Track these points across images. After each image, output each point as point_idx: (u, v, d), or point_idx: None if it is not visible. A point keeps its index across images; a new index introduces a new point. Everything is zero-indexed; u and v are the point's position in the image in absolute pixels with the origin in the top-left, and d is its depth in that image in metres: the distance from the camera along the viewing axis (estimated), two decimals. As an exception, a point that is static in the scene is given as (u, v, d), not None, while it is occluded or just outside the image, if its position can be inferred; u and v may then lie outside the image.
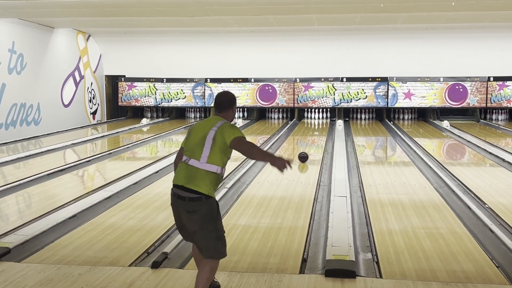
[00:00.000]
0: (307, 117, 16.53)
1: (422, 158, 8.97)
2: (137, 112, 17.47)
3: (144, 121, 15.65)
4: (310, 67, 16.07)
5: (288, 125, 14.77)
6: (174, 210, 3.35)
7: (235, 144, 3.23)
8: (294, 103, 16.22)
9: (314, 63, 16.04)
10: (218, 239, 3.28)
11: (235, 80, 16.38)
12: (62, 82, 14.58)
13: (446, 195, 6.48)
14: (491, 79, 15.43)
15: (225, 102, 3.48)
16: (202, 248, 3.29)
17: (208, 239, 3.24)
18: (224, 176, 7.75)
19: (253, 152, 3.29)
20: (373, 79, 15.85)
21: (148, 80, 16.78)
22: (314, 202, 6.17)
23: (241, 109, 16.85)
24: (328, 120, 16.08)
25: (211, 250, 3.26)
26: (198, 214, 3.21)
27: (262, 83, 16.30)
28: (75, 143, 11.08)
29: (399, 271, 4.00)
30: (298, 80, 16.12)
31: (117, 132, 13.28)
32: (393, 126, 14.40)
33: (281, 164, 3.11)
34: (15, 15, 11.91)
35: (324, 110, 16.43)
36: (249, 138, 14.11)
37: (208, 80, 16.52)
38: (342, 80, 15.97)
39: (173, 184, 3.33)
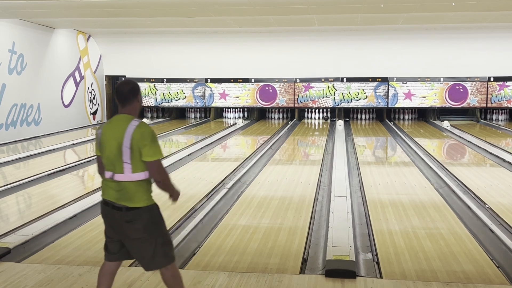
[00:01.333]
0: (308, 117, 16.54)
1: (422, 158, 8.97)
2: (137, 112, 17.45)
3: (145, 121, 15.62)
4: (310, 67, 16.07)
5: (288, 125, 14.78)
6: (108, 221, 3.10)
7: (152, 169, 3.00)
8: (294, 103, 16.22)
9: (314, 63, 16.05)
10: (164, 244, 3.08)
11: (235, 80, 16.39)
12: (62, 83, 14.58)
13: (447, 195, 6.48)
14: (491, 79, 15.44)
15: (128, 92, 3.06)
16: (148, 259, 3.04)
17: (155, 246, 3.03)
18: (225, 176, 7.77)
19: (167, 188, 3.13)
20: (374, 79, 15.86)
21: (148, 80, 16.79)
22: (314, 202, 6.17)
23: (241, 109, 16.86)
24: (329, 120, 16.08)
25: (159, 257, 3.05)
26: (139, 223, 2.99)
27: (262, 83, 16.30)
28: (75, 143, 11.08)
29: (399, 271, 4.00)
30: (298, 80, 16.12)
31: (117, 133, 13.24)
32: (393, 126, 14.40)
33: (177, 196, 3.23)
34: (15, 16, 11.91)
35: (325, 110, 16.43)
36: (249, 139, 13.99)
37: (208, 80, 16.52)
38: (342, 80, 15.97)
39: (104, 198, 3.10)
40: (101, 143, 3.06)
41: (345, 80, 15.96)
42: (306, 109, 16.48)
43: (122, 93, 3.06)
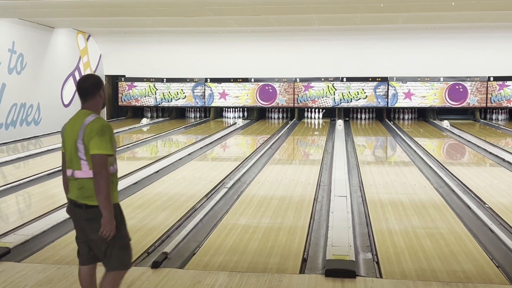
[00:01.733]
0: (307, 117, 16.54)
1: (422, 158, 8.97)
2: (137, 112, 17.48)
3: (144, 121, 15.65)
4: (310, 67, 16.07)
5: (288, 125, 14.77)
6: (73, 220, 3.09)
7: (93, 162, 2.86)
8: (294, 103, 16.22)
9: (314, 63, 16.05)
10: (122, 248, 3.00)
11: (235, 80, 16.39)
12: (62, 82, 14.58)
13: (446, 195, 6.48)
14: (491, 79, 15.44)
15: (89, 87, 2.99)
16: (103, 259, 3.00)
17: (112, 248, 2.96)
18: (225, 176, 7.77)
19: (100, 190, 2.85)
20: (373, 79, 15.85)
21: (148, 80, 16.79)
22: (314, 202, 6.17)
23: (241, 109, 16.87)
24: (328, 120, 16.08)
25: (114, 260, 2.98)
26: (99, 222, 2.90)
27: (262, 83, 16.30)
28: (75, 143, 11.06)
29: (399, 271, 4.00)
30: (298, 80, 16.12)
31: (117, 132, 13.27)
32: (393, 126, 14.40)
33: (109, 227, 2.88)
34: (15, 15, 11.91)
35: (324, 110, 16.44)
36: (249, 138, 13.95)
37: (208, 80, 16.52)
38: (342, 80, 15.97)
39: (68, 197, 3.10)
40: (64, 140, 3.05)
41: (345, 79, 15.95)
42: (306, 109, 16.48)
43: (83, 88, 3.00)
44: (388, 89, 15.81)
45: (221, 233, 4.96)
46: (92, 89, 2.99)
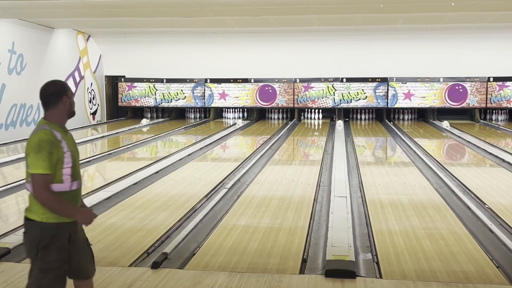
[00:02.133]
0: (307, 117, 16.54)
1: (422, 159, 8.97)
2: (137, 113, 17.48)
3: (144, 121, 15.65)
4: (310, 67, 16.08)
5: (288, 126, 14.78)
6: None
7: (32, 183, 2.64)
8: (294, 104, 16.23)
9: (314, 64, 16.05)
10: (42, 271, 2.66)
11: (235, 81, 16.39)
12: (62, 83, 14.57)
13: (446, 195, 6.48)
14: (491, 79, 15.44)
15: (50, 95, 2.74)
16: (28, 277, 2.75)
17: (33, 269, 2.70)
18: (225, 176, 7.76)
19: (52, 210, 2.65)
20: (373, 80, 15.86)
21: (148, 80, 16.79)
22: (314, 202, 6.17)
23: (241, 110, 16.87)
24: (328, 121, 16.08)
25: (32, 282, 2.70)
26: (28, 237, 2.70)
27: (262, 84, 16.30)
28: (75, 144, 11.06)
29: (399, 271, 4.00)
30: (298, 80, 16.12)
31: (117, 133, 13.28)
32: (393, 127, 14.41)
33: (85, 218, 2.77)
34: (15, 16, 11.91)
35: (324, 110, 16.45)
36: (249, 139, 13.93)
37: (208, 81, 16.52)
38: (342, 81, 15.97)
39: None
40: None
41: (344, 80, 15.96)
42: (305, 109, 16.48)
43: (44, 97, 2.75)
44: (388, 89, 15.82)
45: (221, 234, 4.96)
46: (53, 97, 2.74)
